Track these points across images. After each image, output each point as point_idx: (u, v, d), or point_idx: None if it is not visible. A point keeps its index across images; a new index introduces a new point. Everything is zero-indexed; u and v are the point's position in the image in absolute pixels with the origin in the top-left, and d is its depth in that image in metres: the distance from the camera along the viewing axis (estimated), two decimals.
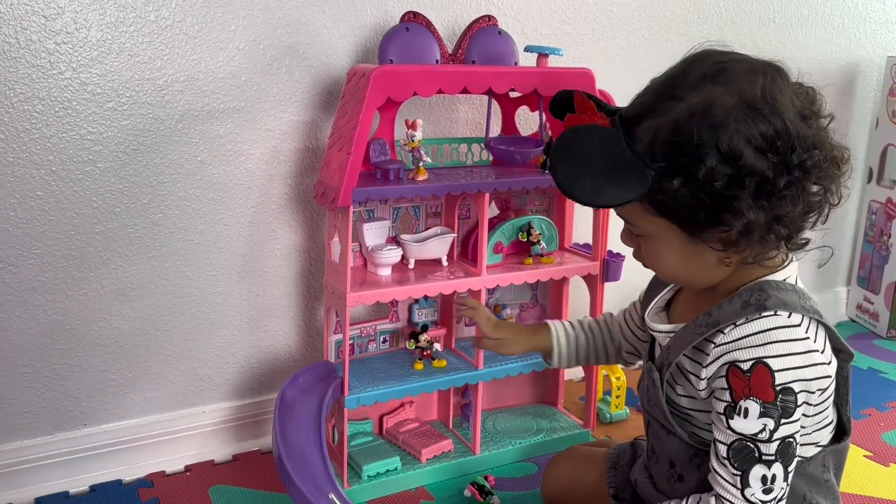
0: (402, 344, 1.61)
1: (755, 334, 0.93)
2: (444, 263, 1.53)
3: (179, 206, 1.46)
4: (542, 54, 1.53)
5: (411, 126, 1.41)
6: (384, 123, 1.49)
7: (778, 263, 0.99)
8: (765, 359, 0.92)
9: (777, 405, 0.92)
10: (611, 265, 1.61)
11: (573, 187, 0.92)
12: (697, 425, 1.04)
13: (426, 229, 1.57)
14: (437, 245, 1.51)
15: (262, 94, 1.47)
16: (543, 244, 1.58)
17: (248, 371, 1.61)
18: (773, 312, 0.93)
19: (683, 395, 1.03)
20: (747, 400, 0.92)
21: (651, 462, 1.15)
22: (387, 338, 1.62)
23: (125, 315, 1.46)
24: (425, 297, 1.55)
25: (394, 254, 1.47)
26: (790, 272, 1.00)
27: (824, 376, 0.95)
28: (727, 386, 0.94)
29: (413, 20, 1.44)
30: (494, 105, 1.63)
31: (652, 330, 1.09)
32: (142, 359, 1.50)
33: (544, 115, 1.59)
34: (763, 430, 0.92)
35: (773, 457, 0.93)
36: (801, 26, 2.14)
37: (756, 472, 0.93)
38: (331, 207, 1.39)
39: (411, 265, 1.51)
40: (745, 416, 0.93)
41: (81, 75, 1.33)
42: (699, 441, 1.04)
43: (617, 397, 1.74)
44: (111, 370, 1.48)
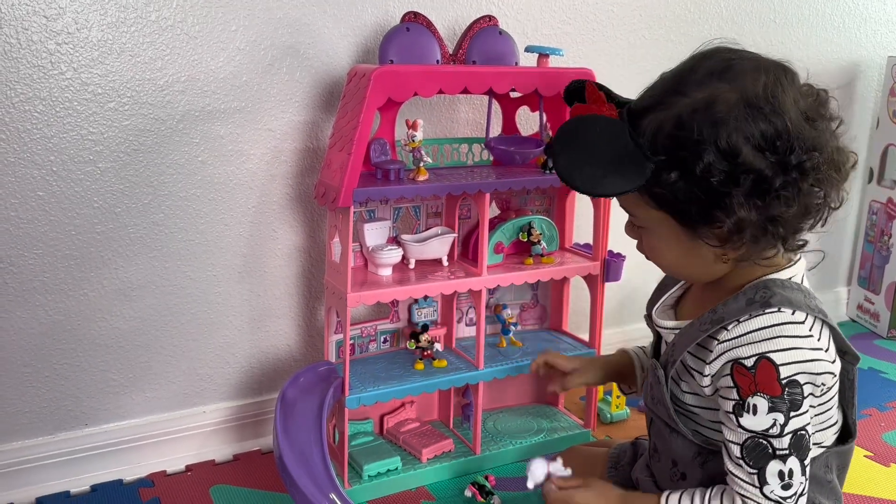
0: (403, 344, 1.61)
1: (758, 330, 0.93)
2: (445, 263, 1.53)
3: (180, 207, 1.46)
4: (543, 54, 1.53)
5: (412, 126, 1.41)
6: (385, 124, 1.50)
7: (784, 262, 1.00)
8: (768, 353, 0.92)
9: (785, 399, 0.92)
10: (611, 265, 1.61)
11: (573, 175, 0.93)
12: (701, 423, 1.04)
13: (427, 229, 1.57)
14: (438, 245, 1.51)
15: (263, 95, 1.48)
16: (544, 244, 1.58)
17: (249, 371, 1.61)
18: (777, 309, 0.93)
19: (688, 392, 1.03)
20: (755, 396, 0.93)
21: (653, 461, 1.15)
22: (387, 338, 1.62)
23: (126, 315, 1.46)
24: (426, 297, 1.55)
25: (394, 254, 1.47)
26: (796, 271, 1.00)
27: (827, 372, 0.95)
28: (733, 384, 0.94)
29: (414, 20, 1.44)
30: (495, 105, 1.63)
31: (658, 326, 1.10)
32: (142, 359, 1.50)
33: (545, 116, 1.59)
34: (774, 426, 0.93)
35: (787, 451, 0.93)
36: (802, 26, 2.14)
37: (772, 469, 0.93)
38: (331, 207, 1.40)
39: (412, 265, 1.51)
40: (755, 413, 0.93)
41: (82, 75, 1.33)
42: (703, 439, 1.04)
43: (618, 397, 1.74)
44: (112, 370, 1.48)
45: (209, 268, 1.51)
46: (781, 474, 0.93)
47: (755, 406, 0.93)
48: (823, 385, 0.96)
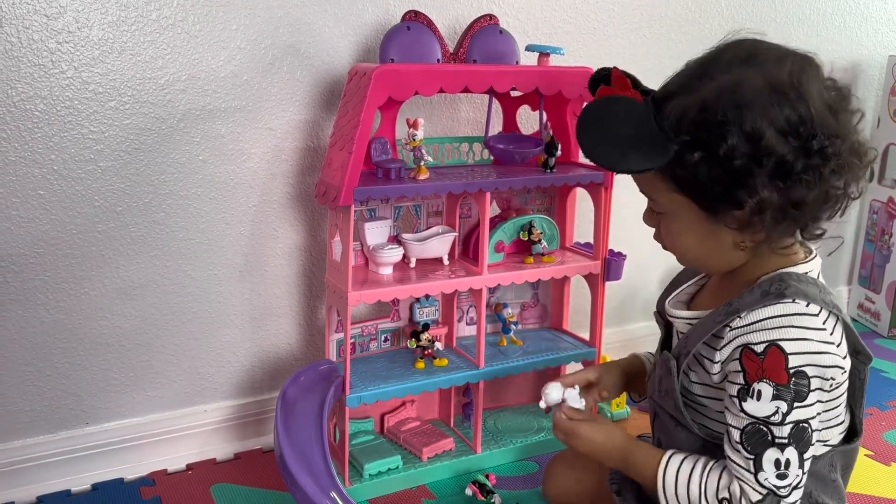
0: (404, 343, 1.62)
1: (771, 318, 0.94)
2: (446, 262, 1.53)
3: (181, 205, 1.46)
4: (544, 53, 1.53)
5: (412, 125, 1.41)
6: (385, 122, 1.50)
7: (801, 258, 1.01)
8: (779, 341, 0.92)
9: (790, 388, 0.92)
10: (612, 264, 1.61)
11: (596, 151, 0.94)
12: (709, 415, 1.04)
13: (427, 228, 1.57)
14: (439, 244, 1.51)
15: (264, 94, 1.48)
16: (544, 243, 1.58)
17: (250, 370, 1.61)
18: (792, 300, 0.94)
19: (697, 383, 1.03)
20: (760, 382, 0.93)
21: None
22: (388, 337, 1.62)
23: (127, 314, 1.46)
24: (426, 296, 1.55)
25: (395, 253, 1.47)
26: (812, 267, 1.01)
27: (837, 366, 0.95)
28: (741, 368, 0.95)
29: (414, 19, 1.44)
30: (495, 104, 1.63)
31: (672, 317, 1.10)
32: (143, 358, 1.50)
33: (545, 115, 1.59)
34: (776, 413, 0.93)
35: (787, 440, 0.93)
36: (803, 25, 2.14)
37: (769, 456, 0.94)
38: (332, 206, 1.40)
39: (412, 264, 1.51)
40: (758, 399, 0.93)
41: (83, 74, 1.33)
42: (708, 433, 1.04)
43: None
44: (113, 369, 1.48)
45: (210, 267, 1.51)
46: (778, 463, 0.94)
47: (759, 392, 0.93)
48: (833, 380, 0.96)
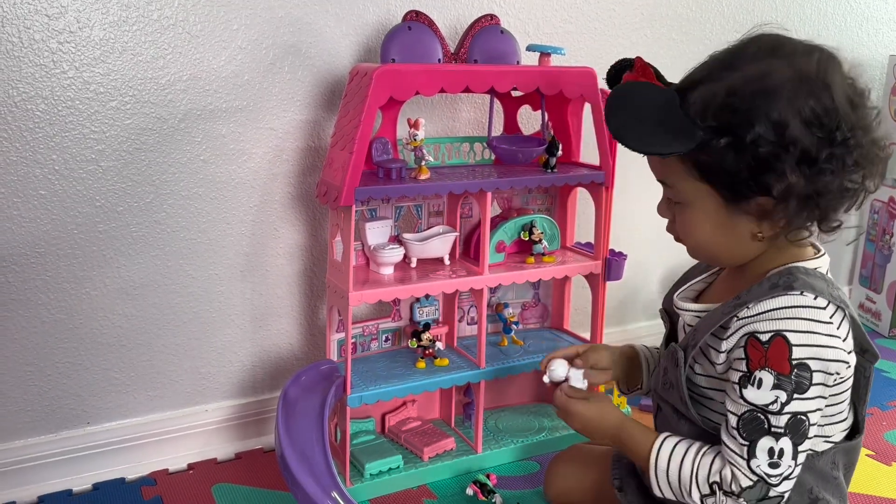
0: (405, 342, 1.62)
1: (778, 309, 0.94)
2: (447, 262, 1.53)
3: (182, 205, 1.46)
4: (545, 53, 1.53)
5: (413, 125, 1.41)
6: (386, 122, 1.50)
7: (810, 254, 1.02)
8: (784, 332, 0.93)
9: (791, 379, 0.93)
10: (612, 264, 1.61)
11: (626, 133, 0.94)
12: (713, 408, 1.05)
13: (428, 228, 1.58)
14: (440, 244, 1.51)
15: (265, 94, 1.48)
16: (545, 243, 1.58)
17: (251, 370, 1.61)
18: (800, 293, 0.95)
19: (702, 375, 1.04)
20: (762, 371, 0.94)
21: None
22: (389, 336, 1.62)
23: (128, 314, 1.46)
24: (427, 296, 1.55)
25: (396, 253, 1.47)
26: (821, 263, 1.02)
27: (842, 361, 0.95)
28: (744, 356, 0.95)
29: (415, 19, 1.44)
30: (496, 104, 1.63)
31: (680, 309, 1.10)
32: (144, 357, 1.50)
33: (546, 115, 1.59)
34: (775, 402, 0.93)
35: (783, 430, 0.94)
36: (804, 25, 2.14)
37: (763, 444, 0.94)
38: (333, 206, 1.40)
39: (413, 264, 1.51)
40: (759, 387, 0.94)
41: (84, 74, 1.33)
42: (712, 426, 1.04)
43: (619, 395, 1.74)
44: (114, 369, 1.48)
45: (211, 266, 1.51)
46: (772, 451, 0.94)
47: (761, 380, 0.94)
48: (837, 374, 0.96)
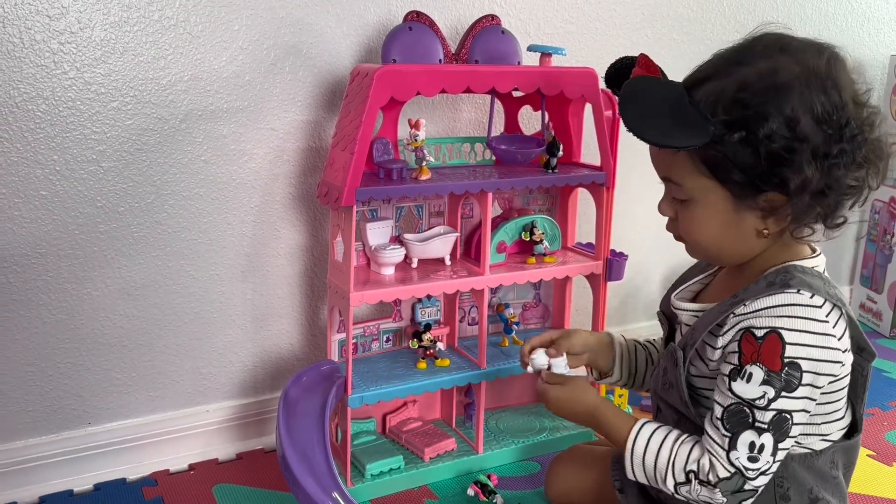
0: (406, 343, 1.62)
1: (775, 307, 0.95)
2: (447, 263, 1.53)
3: (183, 206, 1.46)
4: (545, 54, 1.53)
5: (414, 125, 1.41)
6: (387, 123, 1.50)
7: (807, 253, 1.02)
8: (780, 329, 0.94)
9: (781, 376, 0.93)
10: (613, 264, 1.61)
11: (643, 126, 0.94)
12: (710, 407, 1.05)
13: (429, 229, 1.58)
14: (440, 244, 1.51)
15: (266, 94, 1.48)
16: (546, 243, 1.58)
17: (252, 370, 1.61)
18: (797, 291, 0.95)
19: (699, 376, 1.05)
20: (753, 365, 0.94)
21: None
22: (390, 337, 1.62)
23: (129, 314, 1.46)
24: (428, 297, 1.55)
25: (397, 253, 1.47)
26: (818, 262, 1.02)
27: (836, 361, 0.96)
28: (738, 350, 0.96)
29: (416, 20, 1.44)
30: (497, 104, 1.63)
31: (678, 309, 1.11)
32: (145, 358, 1.50)
33: (547, 115, 1.59)
34: (762, 398, 0.94)
35: (766, 426, 0.94)
36: (805, 25, 2.14)
37: (745, 438, 0.95)
38: (334, 207, 1.40)
39: (414, 264, 1.51)
40: (748, 381, 0.95)
41: (85, 75, 1.33)
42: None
43: (620, 396, 1.74)
44: (115, 369, 1.48)
45: (212, 267, 1.51)
46: (752, 446, 0.95)
47: (750, 374, 0.94)
48: (831, 375, 0.96)
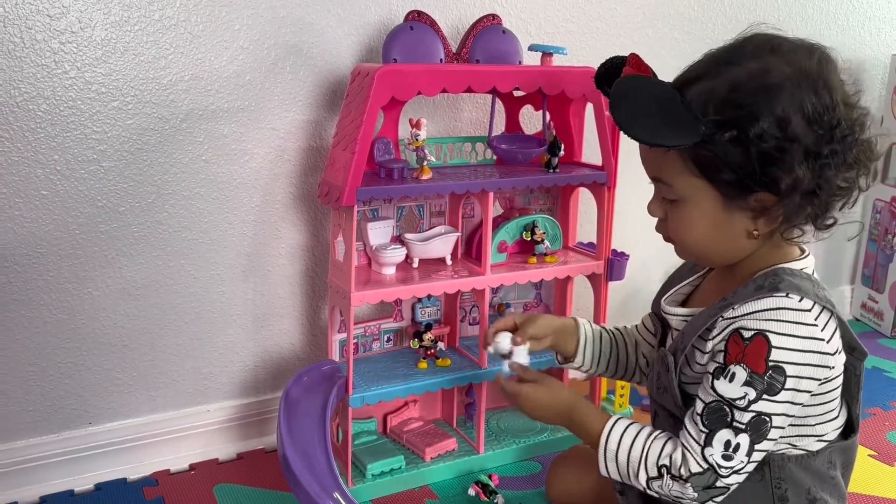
0: (406, 343, 1.62)
1: (764, 311, 0.95)
2: (448, 262, 1.53)
3: (184, 206, 1.46)
4: (546, 53, 1.53)
5: (415, 125, 1.41)
6: (388, 123, 1.49)
7: (796, 255, 1.02)
8: (767, 332, 0.94)
9: (764, 379, 0.93)
10: (615, 264, 1.61)
11: (634, 125, 0.94)
12: None
13: (430, 228, 1.57)
14: (441, 244, 1.51)
15: (267, 94, 1.48)
16: (547, 243, 1.58)
17: (253, 370, 1.61)
18: (785, 294, 0.95)
19: (690, 383, 1.04)
20: (737, 365, 0.95)
21: None
22: (391, 337, 1.62)
23: (130, 314, 1.46)
24: (429, 296, 1.55)
25: (398, 253, 1.47)
26: (807, 264, 1.02)
27: (824, 366, 0.96)
28: (724, 349, 0.96)
29: (417, 19, 1.44)
30: (498, 104, 1.63)
31: (667, 314, 1.10)
32: (146, 358, 1.50)
33: (548, 115, 1.59)
34: (742, 398, 0.94)
35: (744, 426, 0.95)
36: (806, 25, 2.14)
37: (722, 435, 0.95)
38: (335, 207, 1.40)
39: (415, 264, 1.51)
40: (731, 380, 0.95)
41: (86, 74, 1.33)
42: None
43: (621, 396, 1.74)
44: (116, 369, 1.48)
45: (213, 267, 1.51)
46: (728, 444, 0.95)
47: (734, 374, 0.95)
48: (818, 379, 0.96)
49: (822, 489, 1.04)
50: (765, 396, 0.94)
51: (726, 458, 0.96)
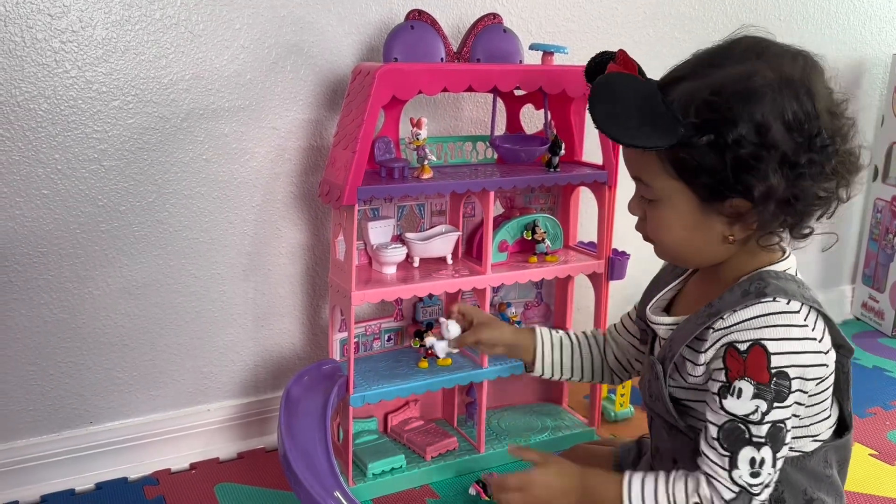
0: (407, 342, 1.62)
1: (754, 318, 0.94)
2: (449, 262, 1.53)
3: (184, 205, 1.46)
4: (547, 52, 1.53)
5: (416, 124, 1.41)
6: (389, 122, 1.49)
7: (778, 257, 1.01)
8: (762, 341, 0.93)
9: (771, 388, 0.92)
10: (615, 263, 1.61)
11: (611, 124, 0.93)
12: (697, 416, 1.04)
13: (431, 227, 1.57)
14: (442, 243, 1.51)
15: (267, 93, 1.48)
16: (548, 242, 1.58)
17: (254, 369, 1.61)
18: (773, 299, 0.94)
19: (680, 387, 1.04)
20: (741, 380, 0.93)
21: (655, 461, 1.15)
22: (391, 336, 1.62)
23: (130, 313, 1.46)
24: (430, 296, 1.55)
25: (398, 252, 1.47)
26: (790, 264, 1.01)
27: (820, 364, 0.95)
28: (723, 366, 0.95)
29: (418, 18, 1.43)
30: (499, 103, 1.63)
31: (653, 323, 1.10)
32: (147, 357, 1.50)
33: (549, 114, 1.59)
34: (755, 412, 0.93)
35: (763, 440, 0.93)
36: (807, 24, 2.14)
37: (745, 454, 0.94)
38: (336, 206, 1.39)
39: (416, 263, 1.51)
40: (739, 397, 0.93)
41: (87, 74, 1.33)
42: (699, 435, 1.04)
43: (622, 395, 1.74)
44: (116, 368, 1.48)
45: (213, 266, 1.51)
46: (753, 461, 0.94)
47: (740, 390, 0.93)
48: (818, 378, 0.96)
49: (819, 489, 1.04)
50: (776, 405, 0.92)
51: (754, 476, 0.94)
